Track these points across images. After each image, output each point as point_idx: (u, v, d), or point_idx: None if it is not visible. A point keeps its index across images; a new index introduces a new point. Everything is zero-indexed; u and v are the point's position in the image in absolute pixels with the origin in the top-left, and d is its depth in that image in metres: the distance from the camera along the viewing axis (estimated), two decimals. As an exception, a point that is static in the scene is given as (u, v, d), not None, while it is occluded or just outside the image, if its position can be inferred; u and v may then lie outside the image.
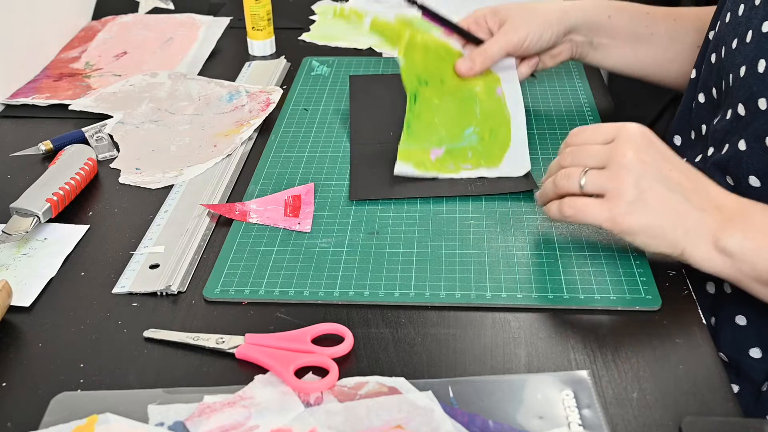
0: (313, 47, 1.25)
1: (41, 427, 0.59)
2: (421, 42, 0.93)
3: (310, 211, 0.83)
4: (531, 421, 0.59)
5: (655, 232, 0.67)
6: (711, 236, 0.66)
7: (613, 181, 0.67)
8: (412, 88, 0.90)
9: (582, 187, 0.69)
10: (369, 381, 0.62)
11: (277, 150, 0.95)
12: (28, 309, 0.71)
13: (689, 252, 0.67)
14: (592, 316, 0.69)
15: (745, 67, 0.76)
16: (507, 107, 0.92)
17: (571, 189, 0.70)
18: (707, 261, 0.67)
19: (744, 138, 0.75)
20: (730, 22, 0.81)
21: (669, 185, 0.67)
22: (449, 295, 0.71)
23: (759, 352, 0.77)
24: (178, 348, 0.67)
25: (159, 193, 0.87)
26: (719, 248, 0.66)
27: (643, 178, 0.66)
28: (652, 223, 0.67)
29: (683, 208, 0.67)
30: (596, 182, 0.68)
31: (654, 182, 0.66)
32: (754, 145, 0.74)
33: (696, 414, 0.59)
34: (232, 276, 0.74)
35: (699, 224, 0.67)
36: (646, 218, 0.67)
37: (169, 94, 1.07)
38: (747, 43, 0.77)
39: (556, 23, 0.94)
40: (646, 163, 0.67)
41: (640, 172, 0.66)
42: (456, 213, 0.82)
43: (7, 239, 0.78)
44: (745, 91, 0.76)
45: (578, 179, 0.69)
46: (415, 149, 0.87)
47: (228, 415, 0.59)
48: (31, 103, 1.07)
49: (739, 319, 0.78)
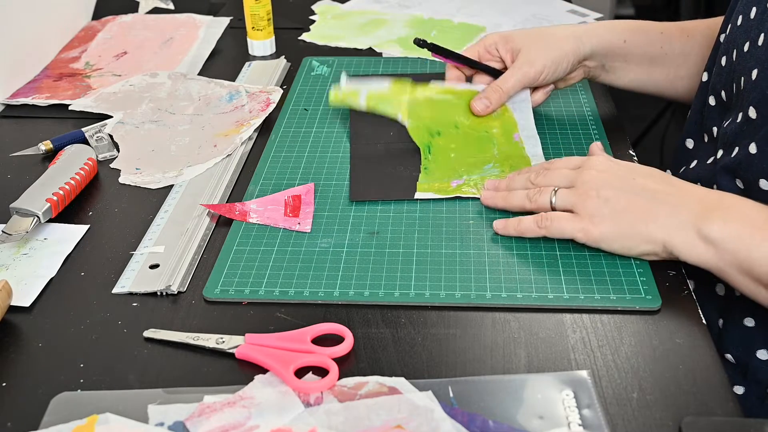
0: (313, 47, 1.25)
1: (41, 427, 0.59)
2: (423, 97, 0.94)
3: (310, 211, 0.83)
4: (531, 421, 0.59)
5: (627, 234, 0.71)
6: (692, 225, 0.68)
7: (579, 196, 0.74)
8: (425, 142, 0.90)
9: (552, 204, 0.76)
10: (369, 381, 0.62)
11: (277, 150, 0.95)
12: (28, 309, 0.71)
13: (671, 243, 0.69)
14: (592, 316, 0.69)
15: (756, 70, 0.76)
16: (525, 150, 0.91)
17: (543, 203, 0.76)
18: (691, 250, 0.69)
19: (755, 142, 0.75)
20: (742, 25, 0.81)
21: (632, 191, 0.72)
22: (449, 295, 0.71)
23: (766, 354, 0.77)
24: (178, 348, 0.67)
25: (159, 193, 0.87)
26: (702, 236, 0.68)
27: (603, 189, 0.72)
28: (620, 226, 0.71)
29: (650, 206, 0.71)
30: (565, 199, 0.75)
31: (614, 191, 0.72)
32: (766, 149, 0.74)
33: (696, 414, 0.59)
34: (232, 276, 0.74)
35: (676, 216, 0.69)
36: (613, 223, 0.72)
37: (169, 94, 1.07)
38: (759, 46, 0.77)
39: (573, 53, 0.94)
40: (606, 177, 0.73)
41: (600, 185, 0.73)
42: (456, 213, 0.82)
43: (7, 239, 0.78)
44: (756, 94, 0.75)
45: (549, 196, 0.76)
46: (435, 182, 0.86)
47: (228, 415, 0.59)
48: (31, 103, 1.07)
49: (748, 321, 0.77)
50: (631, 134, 0.97)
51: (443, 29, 1.28)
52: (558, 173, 0.77)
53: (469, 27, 1.28)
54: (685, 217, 0.69)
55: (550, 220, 0.74)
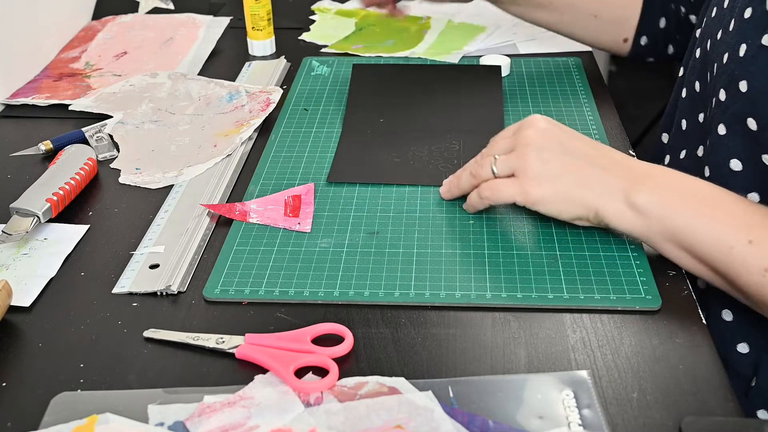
0: (313, 47, 1.25)
1: (41, 427, 0.59)
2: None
3: (310, 211, 0.83)
4: (531, 421, 0.59)
5: (563, 197, 0.72)
6: (621, 193, 0.70)
7: (518, 159, 0.73)
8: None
9: (494, 173, 0.75)
10: (369, 381, 0.62)
11: (277, 150, 0.95)
12: (28, 309, 0.71)
13: (602, 211, 0.71)
14: (592, 316, 0.69)
15: (727, 54, 0.77)
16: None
17: (486, 175, 0.76)
18: (620, 218, 0.70)
19: (723, 122, 0.76)
20: (716, 16, 0.83)
21: (571, 153, 0.72)
22: (449, 295, 0.71)
23: (746, 347, 0.77)
24: (178, 348, 0.67)
25: (159, 193, 0.87)
26: (630, 204, 0.69)
27: (544, 151, 0.72)
28: (558, 189, 0.72)
29: (587, 171, 0.71)
30: (505, 164, 0.74)
31: (555, 153, 0.72)
32: (736, 128, 0.75)
33: (696, 414, 0.59)
34: (232, 276, 0.74)
35: (608, 184, 0.70)
36: (552, 186, 0.72)
37: (169, 94, 1.07)
38: (729, 32, 0.78)
39: None
40: (546, 139, 0.73)
41: (541, 147, 0.72)
42: (456, 213, 0.82)
43: (7, 239, 0.78)
44: (726, 76, 0.77)
45: (490, 166, 0.75)
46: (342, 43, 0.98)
47: (228, 415, 0.59)
48: (31, 103, 1.07)
49: (726, 314, 0.78)
50: (631, 134, 0.98)
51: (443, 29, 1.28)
52: (496, 145, 0.77)
53: (469, 27, 1.28)
54: (616, 185, 0.70)
55: (490, 189, 0.75)
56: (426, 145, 0.93)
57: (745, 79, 0.74)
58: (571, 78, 1.10)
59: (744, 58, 0.75)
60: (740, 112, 0.75)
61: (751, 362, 0.77)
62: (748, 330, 0.77)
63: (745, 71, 0.75)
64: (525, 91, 1.07)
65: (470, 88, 1.05)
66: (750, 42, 0.75)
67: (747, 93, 0.74)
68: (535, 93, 1.06)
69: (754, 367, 0.77)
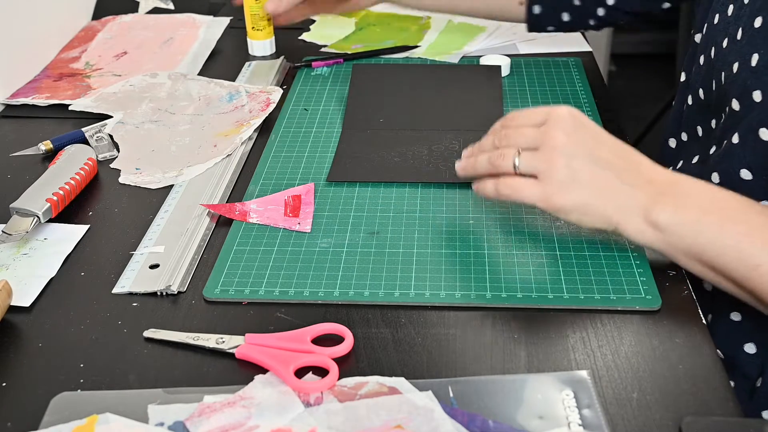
0: (314, 47, 1.25)
1: (41, 427, 0.59)
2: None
3: (310, 211, 0.83)
4: (531, 421, 0.59)
5: (587, 210, 0.69)
6: (642, 210, 0.68)
7: (545, 162, 0.69)
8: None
9: (516, 168, 0.71)
10: (369, 381, 0.62)
11: (277, 150, 0.95)
12: (28, 309, 0.71)
13: (622, 227, 0.69)
14: (592, 316, 0.69)
15: (737, 63, 0.77)
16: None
17: (506, 169, 0.71)
18: (639, 234, 0.69)
19: (737, 131, 0.76)
20: (719, 22, 0.83)
21: (599, 164, 0.69)
22: (449, 295, 0.71)
23: (753, 348, 0.77)
24: (178, 348, 0.67)
25: (159, 193, 0.88)
26: (650, 222, 0.67)
27: (574, 159, 0.69)
28: (583, 201, 0.69)
29: (613, 185, 0.69)
30: (530, 163, 0.70)
31: (584, 162, 0.69)
32: (748, 137, 0.75)
33: (696, 414, 0.59)
34: (232, 276, 0.74)
35: (630, 199, 0.68)
36: (577, 196, 0.69)
37: (169, 94, 1.07)
38: (738, 40, 0.78)
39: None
40: (576, 144, 0.69)
41: (571, 153, 0.69)
42: (456, 213, 0.82)
43: (7, 239, 0.78)
44: (738, 86, 0.77)
45: (512, 160, 0.71)
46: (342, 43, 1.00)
47: (228, 415, 0.59)
48: (31, 103, 1.07)
49: (734, 316, 0.78)
50: (631, 134, 0.98)
51: (443, 29, 1.28)
52: (520, 133, 0.72)
53: (469, 27, 1.28)
54: (638, 201, 0.68)
55: (511, 188, 0.71)
56: (426, 145, 0.93)
57: (758, 89, 0.74)
58: (571, 78, 1.10)
59: (757, 68, 0.75)
60: (755, 121, 0.75)
61: (757, 363, 0.77)
62: (756, 330, 0.77)
63: (759, 81, 0.74)
64: (525, 91, 1.07)
65: (470, 88, 1.05)
66: (762, 52, 0.75)
67: (761, 102, 0.74)
68: (535, 93, 1.06)
69: (761, 367, 0.77)
